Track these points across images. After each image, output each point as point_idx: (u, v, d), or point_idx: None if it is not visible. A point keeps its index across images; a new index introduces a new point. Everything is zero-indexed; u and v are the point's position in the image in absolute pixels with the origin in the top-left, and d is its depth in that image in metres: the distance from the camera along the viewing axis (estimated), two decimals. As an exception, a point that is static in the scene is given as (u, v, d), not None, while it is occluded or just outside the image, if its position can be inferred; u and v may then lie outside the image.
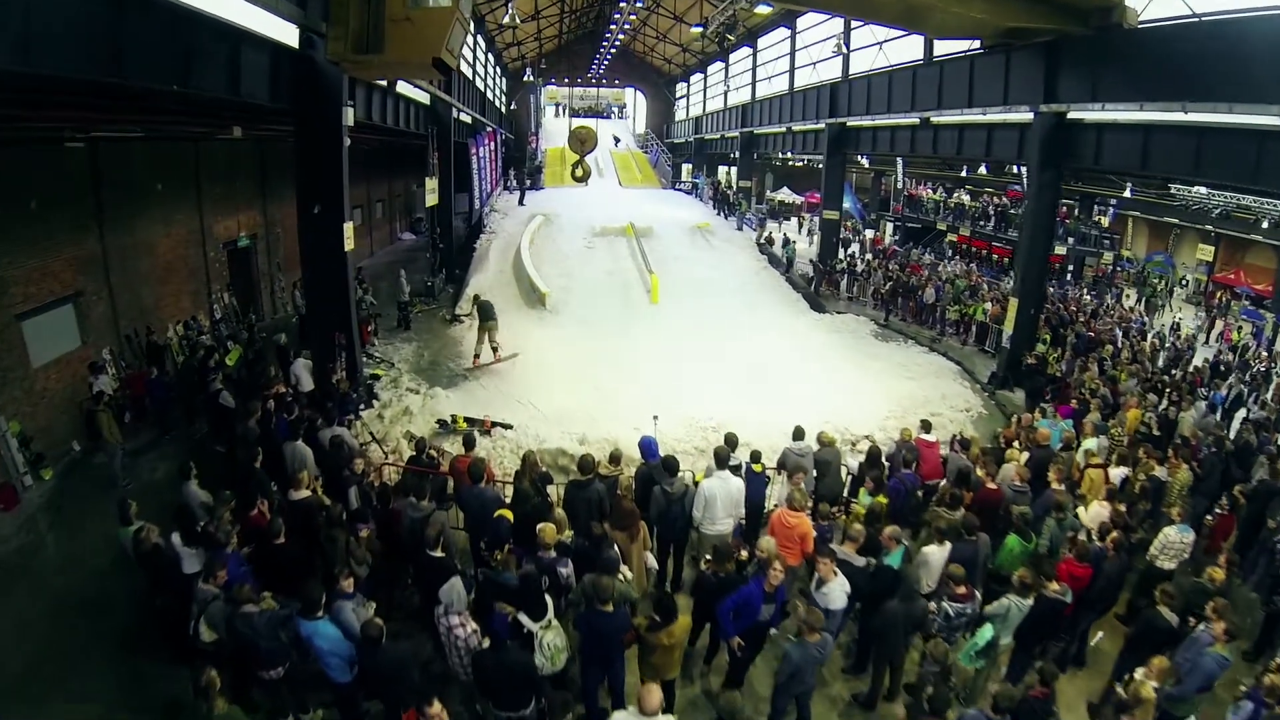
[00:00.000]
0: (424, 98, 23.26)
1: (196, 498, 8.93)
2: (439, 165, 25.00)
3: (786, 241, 32.65)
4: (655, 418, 12.06)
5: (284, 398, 11.44)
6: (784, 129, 34.91)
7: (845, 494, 10.86)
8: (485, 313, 17.86)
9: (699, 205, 38.01)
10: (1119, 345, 20.56)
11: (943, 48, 21.82)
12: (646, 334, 20.16)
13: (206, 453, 12.77)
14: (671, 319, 21.42)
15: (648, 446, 9.14)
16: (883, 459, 10.50)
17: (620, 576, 6.74)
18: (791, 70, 34.07)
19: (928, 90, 21.92)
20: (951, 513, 9.29)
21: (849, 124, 27.98)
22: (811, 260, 28.70)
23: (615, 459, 9.14)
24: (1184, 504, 10.52)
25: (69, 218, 13.86)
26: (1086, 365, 17.85)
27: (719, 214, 35.35)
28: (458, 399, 15.35)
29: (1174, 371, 19.61)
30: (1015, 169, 33.19)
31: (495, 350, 17.77)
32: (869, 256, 33.22)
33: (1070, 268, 33.86)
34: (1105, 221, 36.60)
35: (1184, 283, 34.84)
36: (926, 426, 11.90)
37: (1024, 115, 18.37)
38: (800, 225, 45.19)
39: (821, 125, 29.43)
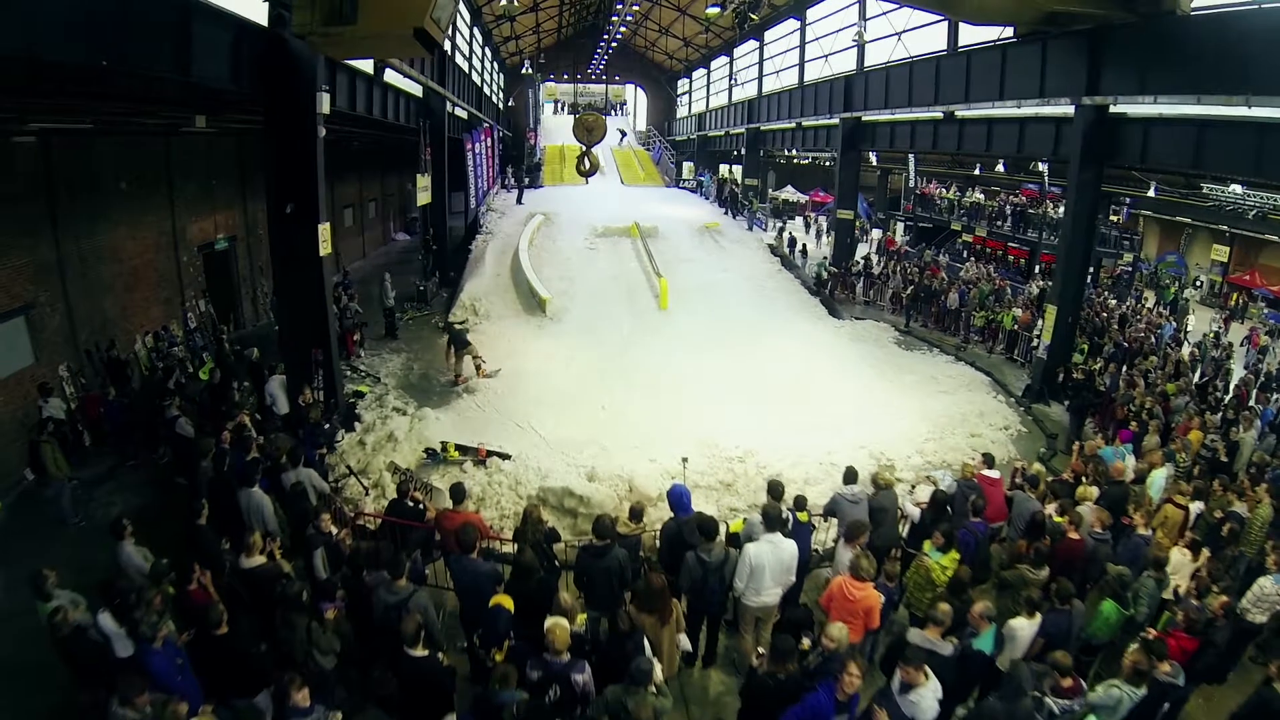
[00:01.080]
0: (416, 89, 21.77)
1: (134, 562, 7.33)
2: (431, 161, 23.45)
3: (794, 242, 31.20)
4: (684, 460, 10.51)
5: (242, 431, 9.79)
6: (793, 124, 33.57)
7: (903, 542, 9.25)
8: (457, 340, 16.57)
9: (704, 204, 36.38)
10: (1160, 354, 19.05)
11: (969, 37, 20.58)
12: (656, 343, 18.70)
13: (169, 487, 11.24)
14: (683, 326, 19.99)
15: (678, 498, 7.56)
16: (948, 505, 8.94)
17: (653, 687, 5.16)
18: (801, 63, 32.64)
19: (953, 82, 20.63)
20: (1037, 572, 7.76)
21: (864, 119, 26.71)
22: (827, 265, 27.06)
23: (636, 515, 7.58)
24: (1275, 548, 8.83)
25: (18, 220, 12.39)
26: (1134, 380, 16.31)
27: (727, 213, 33.72)
28: (449, 421, 13.78)
29: (1216, 384, 18.12)
30: (1039, 166, 31.55)
31: (479, 368, 16.49)
32: (883, 259, 31.69)
33: (1091, 270, 32.29)
34: (1119, 220, 35.11)
35: (1197, 284, 33.32)
36: (989, 460, 10.36)
37: (1062, 108, 17.11)
38: (808, 225, 43.74)
39: (835, 120, 28.07)
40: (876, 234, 41.13)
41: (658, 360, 17.50)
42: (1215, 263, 32.76)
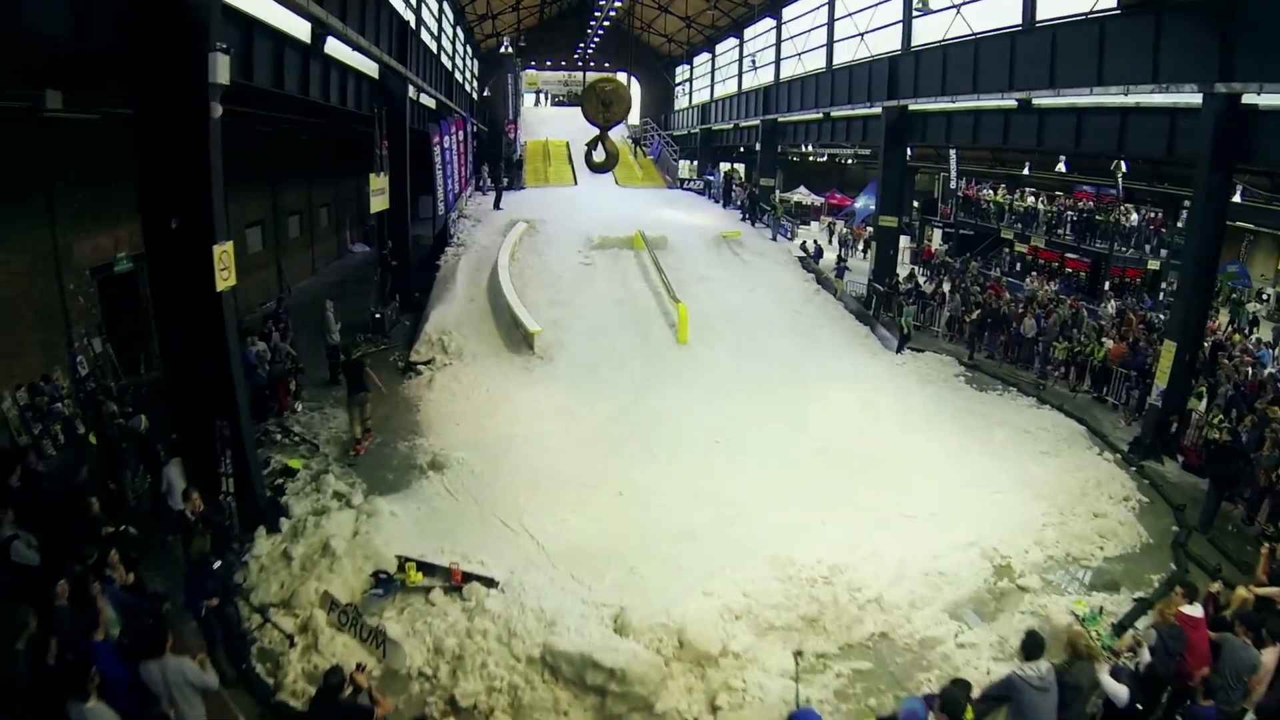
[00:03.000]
0: (369, 67, 19.28)
1: None
2: (390, 158, 20.87)
3: (819, 252, 28.75)
4: (797, 655, 7.85)
5: (102, 568, 6.95)
6: (819, 114, 31.19)
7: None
8: (354, 380, 14.01)
9: (715, 208, 33.71)
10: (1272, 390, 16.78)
11: (1051, 8, 18.57)
12: (677, 391, 16.21)
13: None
14: (708, 365, 17.53)
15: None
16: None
17: None
18: (830, 43, 30.15)
19: (1032, 63, 18.67)
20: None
21: (912, 107, 24.46)
22: (870, 283, 24.57)
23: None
24: None
25: None
26: (1267, 433, 13.96)
27: (745, 219, 31.07)
28: (409, 516, 10.95)
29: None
30: (1118, 166, 29.07)
31: (367, 431, 14.04)
32: (928, 273, 29.26)
33: (1163, 284, 30.05)
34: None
35: (1264, 298, 31.04)
36: (1191, 593, 7.82)
37: (1185, 98, 15.06)
38: (831, 233, 41.31)
39: (876, 109, 25.84)
40: (904, 242, 38.61)
41: (682, 415, 15.16)
42: (1280, 273, 30.77)
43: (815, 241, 30.98)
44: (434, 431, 14.19)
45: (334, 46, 15.65)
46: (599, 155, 20.91)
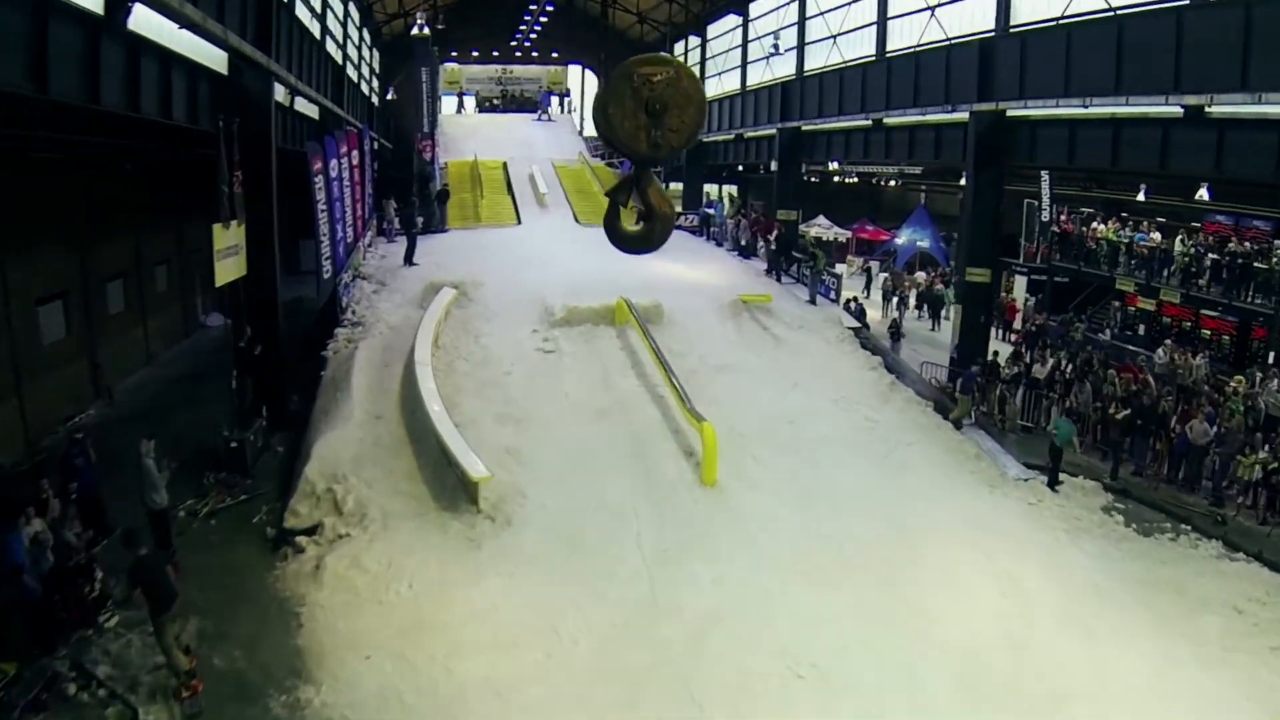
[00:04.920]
0: (215, 57, 16.79)
1: None
2: (246, 196, 18.17)
3: (863, 312, 26.39)
4: None
5: None
6: (866, 120, 29.73)
7: None
8: (153, 588, 11.12)
9: (720, 255, 31.24)
10: None
11: None
12: (718, 573, 13.80)
13: None
14: (755, 523, 15.17)
15: None
16: None
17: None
18: (882, 20, 28.22)
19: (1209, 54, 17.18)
20: None
21: (1013, 112, 22.98)
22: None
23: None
24: None
25: None
26: None
27: (771, 274, 28.71)
28: None
29: None
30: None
31: (189, 679, 11.04)
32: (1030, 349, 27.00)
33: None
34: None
35: None
36: None
37: None
38: (867, 280, 38.83)
39: (961, 115, 24.30)
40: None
41: (731, 620, 12.72)
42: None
43: (856, 300, 28.62)
44: (327, 673, 11.25)
45: (147, 20, 13.00)
46: (632, 221, 10.94)
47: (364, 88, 41.42)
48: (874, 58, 29.42)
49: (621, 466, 16.43)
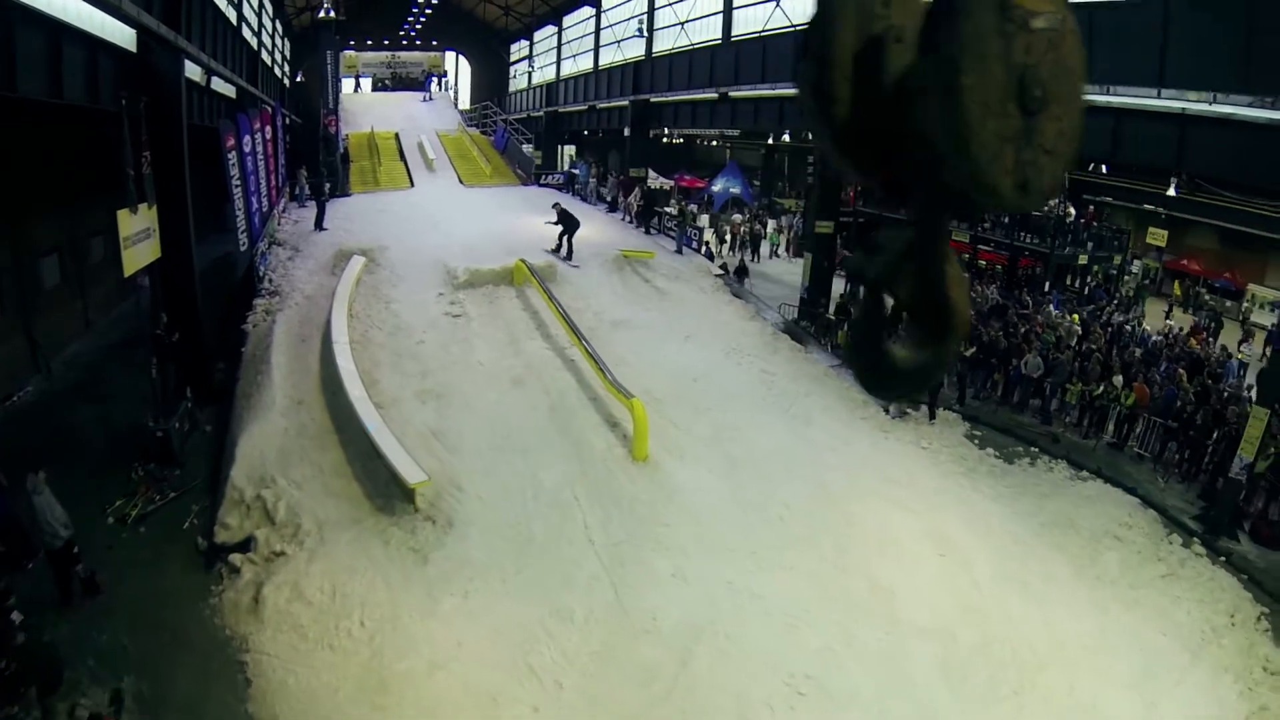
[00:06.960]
0: (121, 34, 11.55)
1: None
2: (156, 178, 12.96)
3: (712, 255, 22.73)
4: None
5: None
6: (714, 94, 25.33)
7: None
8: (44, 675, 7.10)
9: (595, 213, 26.36)
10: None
11: None
12: (675, 565, 9.97)
13: None
14: (692, 498, 11.23)
15: None
16: None
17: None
18: (728, 12, 23.88)
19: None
20: None
21: None
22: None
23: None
24: None
25: None
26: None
27: (634, 226, 24.34)
28: None
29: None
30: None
31: None
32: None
33: (1091, 282, 26.31)
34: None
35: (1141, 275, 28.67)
36: None
37: None
38: (714, 227, 34.88)
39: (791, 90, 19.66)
40: (772, 226, 33.14)
41: (704, 631, 9.00)
42: (1152, 248, 28.18)
43: (706, 244, 24.73)
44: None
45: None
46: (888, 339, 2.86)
47: (276, 71, 34.96)
48: (719, 41, 25.31)
49: (550, 444, 12.08)
